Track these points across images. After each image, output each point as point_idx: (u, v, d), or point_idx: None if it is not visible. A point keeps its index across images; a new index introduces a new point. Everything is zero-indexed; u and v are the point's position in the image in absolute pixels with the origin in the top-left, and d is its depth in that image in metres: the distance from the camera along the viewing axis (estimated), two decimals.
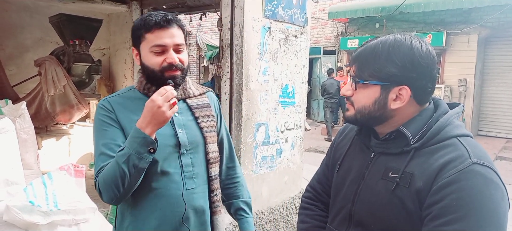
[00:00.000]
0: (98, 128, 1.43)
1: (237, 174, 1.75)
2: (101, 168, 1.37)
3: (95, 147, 1.43)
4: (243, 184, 1.76)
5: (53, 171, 2.45)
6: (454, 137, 1.07)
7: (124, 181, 1.31)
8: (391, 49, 1.08)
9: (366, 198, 1.16)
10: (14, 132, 2.65)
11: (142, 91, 1.50)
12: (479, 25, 9.70)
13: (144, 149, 1.30)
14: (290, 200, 4.36)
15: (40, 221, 2.25)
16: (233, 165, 1.74)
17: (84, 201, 2.46)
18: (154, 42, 1.41)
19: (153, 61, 1.43)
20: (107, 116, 1.43)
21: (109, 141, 1.40)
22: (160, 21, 1.40)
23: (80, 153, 5.44)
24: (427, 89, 1.10)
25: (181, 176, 1.47)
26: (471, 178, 0.98)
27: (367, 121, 1.15)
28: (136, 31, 1.45)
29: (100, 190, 1.36)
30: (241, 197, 1.73)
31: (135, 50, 1.50)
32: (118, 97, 1.50)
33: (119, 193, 1.34)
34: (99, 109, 1.45)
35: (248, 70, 3.61)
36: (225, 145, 1.71)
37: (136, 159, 1.30)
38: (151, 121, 1.31)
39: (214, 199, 1.58)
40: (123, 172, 1.30)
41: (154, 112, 1.30)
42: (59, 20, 5.46)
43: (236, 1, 3.56)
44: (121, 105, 1.46)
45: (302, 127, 4.52)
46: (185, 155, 1.49)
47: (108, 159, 1.37)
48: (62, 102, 5.33)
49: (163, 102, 1.30)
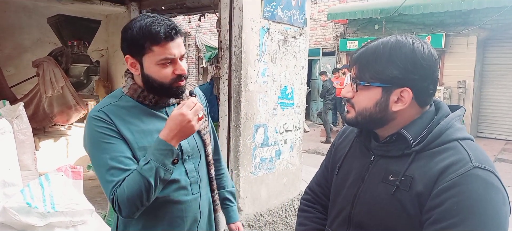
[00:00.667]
0: (98, 140, 1.33)
1: (221, 165, 1.79)
2: (116, 182, 1.29)
3: (98, 161, 1.34)
4: (227, 174, 1.81)
5: (51, 173, 2.44)
6: (455, 140, 1.06)
7: (149, 194, 1.29)
8: (393, 51, 1.06)
9: (365, 201, 1.14)
10: (11, 133, 2.64)
11: (136, 98, 1.42)
12: (478, 27, 9.71)
13: (170, 160, 1.30)
14: (289, 202, 4.35)
15: (37, 223, 2.24)
16: (218, 157, 1.77)
17: (81, 202, 2.44)
18: (163, 56, 1.33)
19: (162, 74, 1.35)
20: (107, 128, 1.34)
21: (117, 154, 1.32)
22: (171, 33, 1.32)
23: (78, 154, 5.43)
24: (428, 91, 1.09)
25: (187, 182, 1.48)
26: (472, 182, 0.97)
27: (368, 123, 1.14)
28: (138, 41, 1.33)
29: (119, 206, 1.29)
30: (226, 187, 1.78)
31: (131, 59, 1.38)
32: (112, 106, 1.39)
33: (141, 206, 1.31)
34: (94, 121, 1.35)
35: (247, 72, 3.60)
36: (211, 139, 1.70)
37: (163, 171, 1.29)
38: (178, 133, 1.30)
39: (215, 198, 1.63)
40: (149, 185, 1.27)
41: (183, 126, 1.29)
42: (58, 21, 5.45)
43: (235, 2, 3.55)
44: (118, 115, 1.37)
45: (301, 128, 4.51)
46: (188, 161, 1.49)
47: (121, 172, 1.30)
48: (60, 103, 5.32)
49: (193, 116, 1.30)
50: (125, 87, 1.45)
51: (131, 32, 1.34)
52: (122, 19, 6.32)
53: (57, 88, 5.07)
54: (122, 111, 1.39)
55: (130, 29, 1.34)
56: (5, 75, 5.25)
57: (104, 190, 1.34)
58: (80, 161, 5.24)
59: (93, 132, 1.35)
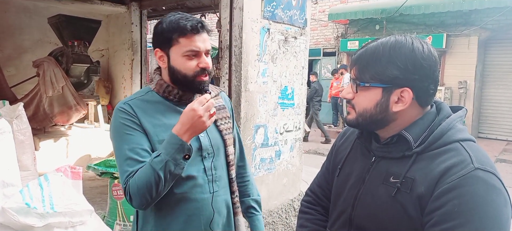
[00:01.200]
0: (120, 131, 1.41)
1: (247, 172, 1.77)
2: (130, 173, 1.35)
3: (119, 151, 1.41)
4: (253, 182, 1.79)
5: (50, 173, 2.42)
6: (456, 141, 1.05)
7: (158, 187, 1.31)
8: (392, 51, 1.06)
9: (366, 202, 1.13)
10: (10, 133, 2.62)
11: (161, 94, 1.49)
12: (479, 27, 9.69)
13: (181, 155, 1.32)
14: (289, 203, 4.34)
15: (36, 223, 2.22)
16: (243, 164, 1.76)
17: (81, 203, 2.43)
18: (188, 47, 1.40)
19: (187, 65, 1.42)
20: (130, 120, 1.41)
21: (135, 146, 1.38)
22: (197, 26, 1.40)
23: (78, 154, 5.43)
24: (429, 91, 1.08)
25: (205, 179, 1.49)
26: (473, 183, 0.96)
27: (369, 124, 1.13)
28: (167, 33, 1.41)
29: (130, 196, 1.34)
30: (251, 195, 1.76)
31: (160, 52, 1.47)
32: (137, 100, 1.47)
33: (151, 198, 1.34)
34: (119, 112, 1.43)
35: (247, 72, 3.59)
36: (236, 144, 1.72)
37: (173, 165, 1.31)
38: (190, 129, 1.33)
39: (235, 200, 1.62)
40: (158, 178, 1.30)
41: (194, 121, 1.32)
42: (58, 21, 5.45)
43: (235, 2, 3.54)
44: (141, 109, 1.44)
45: (301, 128, 4.50)
46: (207, 159, 1.50)
47: (136, 164, 1.35)
48: (61, 103, 5.32)
49: (204, 112, 1.32)
50: (152, 84, 1.53)
51: (161, 26, 1.44)
52: (123, 19, 6.32)
53: (57, 88, 5.07)
54: (147, 105, 1.46)
55: (161, 23, 1.45)
56: (6, 76, 5.25)
57: (120, 179, 1.40)
58: (80, 161, 5.24)
59: (117, 123, 1.42)
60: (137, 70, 6.34)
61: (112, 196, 3.29)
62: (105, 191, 3.85)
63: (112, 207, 3.31)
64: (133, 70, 6.30)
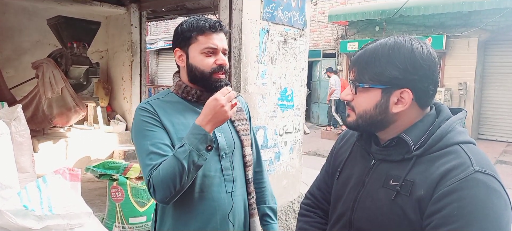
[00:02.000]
0: (142, 128, 1.44)
1: (263, 179, 1.77)
2: (154, 166, 1.37)
3: (140, 147, 1.43)
4: (269, 189, 1.78)
5: (48, 175, 2.41)
6: (456, 144, 1.04)
7: (182, 177, 1.33)
8: (392, 52, 1.05)
9: (366, 206, 1.12)
10: (8, 135, 2.62)
11: (180, 95, 1.53)
12: (479, 28, 9.70)
13: (204, 146, 1.34)
14: (289, 205, 4.33)
15: (34, 226, 2.21)
16: (260, 170, 1.77)
17: (79, 205, 2.42)
18: (206, 44, 1.46)
19: (204, 62, 1.47)
20: (151, 117, 1.45)
21: (157, 141, 1.41)
22: (215, 25, 1.46)
23: (77, 156, 5.41)
24: (429, 92, 1.07)
25: (221, 179, 1.51)
26: (473, 186, 0.95)
27: (369, 126, 1.12)
28: (186, 32, 1.47)
29: (154, 188, 1.36)
30: (267, 203, 1.75)
31: (179, 51, 1.52)
32: (158, 100, 1.51)
33: (174, 190, 1.35)
34: (140, 111, 1.47)
35: (246, 73, 3.59)
36: (253, 148, 1.73)
37: (196, 156, 1.33)
38: (212, 119, 1.35)
39: (251, 202, 1.62)
40: (182, 168, 1.32)
41: (216, 111, 1.34)
42: (57, 23, 5.45)
43: (234, 3, 3.53)
44: (162, 108, 1.48)
45: (301, 130, 4.49)
46: (224, 158, 1.52)
47: (159, 157, 1.38)
48: (60, 105, 5.31)
49: (226, 102, 1.35)
50: (172, 86, 1.57)
51: (181, 27, 1.50)
52: (122, 20, 6.32)
53: (56, 90, 5.06)
54: (167, 105, 1.50)
55: (181, 25, 1.51)
56: (5, 77, 5.24)
57: (143, 174, 1.42)
58: (79, 163, 5.23)
59: (139, 121, 1.46)
60: (136, 72, 6.34)
61: (111, 198, 3.27)
62: (104, 193, 3.83)
63: (111, 209, 3.30)
64: (133, 71, 6.30)
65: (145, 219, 3.27)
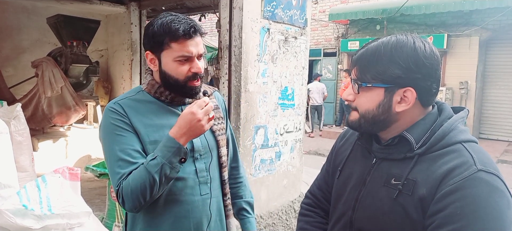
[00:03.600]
0: (111, 132, 1.37)
1: (240, 174, 1.74)
2: (122, 175, 1.32)
3: (109, 152, 1.37)
4: (246, 184, 1.75)
5: (48, 174, 2.41)
6: (458, 142, 1.03)
7: (153, 190, 1.29)
8: (394, 51, 1.04)
9: (367, 205, 1.12)
10: (8, 134, 2.61)
11: (153, 94, 1.45)
12: (480, 27, 9.67)
13: (177, 158, 1.30)
14: (290, 204, 4.32)
15: (33, 225, 2.20)
16: (236, 165, 1.73)
17: (78, 204, 2.41)
18: (180, 53, 1.36)
19: (178, 70, 1.38)
20: (120, 120, 1.37)
21: (126, 146, 1.35)
22: (189, 31, 1.35)
23: (77, 155, 5.41)
24: (432, 90, 1.06)
25: (196, 181, 1.46)
26: (475, 185, 0.94)
27: (371, 126, 1.11)
28: (158, 37, 1.36)
29: (123, 198, 1.31)
30: (244, 197, 1.72)
31: (151, 55, 1.42)
32: (128, 100, 1.44)
33: (144, 201, 1.31)
34: (109, 113, 1.39)
35: (247, 72, 3.57)
36: (230, 145, 1.69)
37: (169, 169, 1.29)
38: (187, 132, 1.30)
39: (227, 203, 1.59)
40: (153, 181, 1.28)
41: (192, 124, 1.29)
42: (57, 21, 5.44)
43: (234, 2, 3.52)
44: (132, 108, 1.41)
45: (301, 129, 4.48)
46: (199, 160, 1.47)
47: (128, 165, 1.33)
48: (59, 104, 5.30)
49: (203, 115, 1.30)
50: (144, 84, 1.50)
51: (152, 28, 1.38)
52: (122, 19, 6.31)
53: (56, 89, 5.05)
54: (138, 105, 1.43)
55: (152, 25, 1.39)
56: (4, 76, 5.24)
57: (111, 181, 1.37)
58: (79, 162, 5.23)
59: (107, 123, 1.39)
60: (136, 71, 6.32)
61: (111, 197, 3.27)
62: (103, 192, 3.83)
63: (111, 209, 3.29)
64: (132, 70, 6.28)
65: None
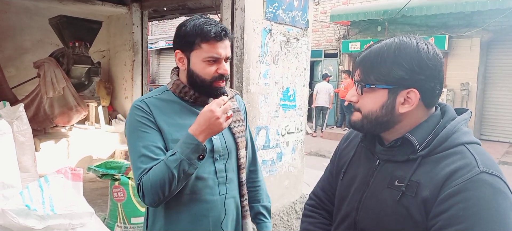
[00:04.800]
0: (135, 128, 1.43)
1: (258, 177, 1.76)
2: (144, 170, 1.37)
3: (133, 147, 1.42)
4: (264, 188, 1.78)
5: (50, 174, 2.41)
6: (461, 144, 1.03)
7: (171, 185, 1.33)
8: (398, 52, 1.04)
9: (371, 206, 1.12)
10: (11, 134, 2.61)
11: (177, 94, 1.50)
12: (481, 28, 9.67)
13: (195, 155, 1.33)
14: (291, 205, 4.32)
15: (36, 225, 2.21)
16: (255, 169, 1.76)
17: (81, 205, 2.41)
18: (210, 53, 1.41)
19: (206, 70, 1.43)
20: (145, 117, 1.43)
21: (149, 143, 1.39)
22: (221, 34, 1.41)
23: (79, 155, 5.42)
24: (435, 91, 1.07)
25: (215, 181, 1.49)
26: (478, 187, 0.95)
27: (374, 127, 1.11)
28: (190, 37, 1.42)
29: (143, 192, 1.36)
30: (261, 202, 1.75)
31: (181, 54, 1.47)
32: (154, 99, 1.49)
33: (163, 196, 1.35)
34: (135, 110, 1.45)
35: (248, 73, 3.58)
36: (249, 148, 1.72)
37: (187, 165, 1.32)
38: (206, 130, 1.34)
39: (244, 204, 1.62)
40: (172, 176, 1.31)
41: (211, 122, 1.33)
42: (59, 22, 5.45)
43: (236, 3, 3.52)
44: (157, 107, 1.46)
45: (303, 130, 4.48)
46: (219, 161, 1.51)
47: (150, 161, 1.37)
48: (61, 104, 5.31)
49: (221, 114, 1.33)
50: (169, 83, 1.54)
51: (185, 28, 1.44)
52: (124, 20, 6.32)
53: (58, 89, 5.06)
54: (162, 104, 1.48)
55: (185, 26, 1.45)
56: (6, 76, 5.24)
57: (133, 176, 1.42)
58: (81, 163, 5.23)
59: (133, 120, 1.44)
60: (138, 71, 6.33)
61: (113, 198, 3.27)
62: (105, 192, 3.83)
63: (113, 209, 3.30)
64: (134, 71, 6.30)
65: None
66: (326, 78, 11.38)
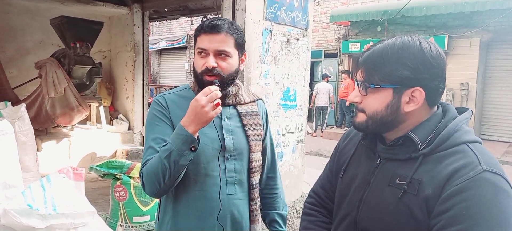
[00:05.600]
0: (151, 122, 1.49)
1: (276, 185, 1.76)
2: (146, 161, 1.42)
3: (146, 138, 1.49)
4: (281, 196, 1.77)
5: (52, 174, 2.42)
6: (463, 143, 1.04)
7: (165, 175, 1.35)
8: (401, 52, 1.05)
9: (371, 205, 1.12)
10: (13, 134, 2.62)
11: (196, 91, 1.52)
12: (481, 28, 9.68)
13: (186, 146, 1.33)
14: (291, 204, 4.33)
15: (38, 225, 2.21)
16: (273, 175, 1.75)
17: (83, 204, 2.42)
18: (198, 45, 1.47)
19: (197, 63, 1.49)
20: (161, 112, 1.48)
21: (158, 136, 1.44)
22: (209, 25, 1.44)
23: (80, 155, 5.42)
24: (439, 90, 1.07)
25: (224, 180, 1.51)
26: (481, 186, 0.95)
27: (379, 127, 1.11)
28: (195, 31, 1.50)
29: (143, 182, 1.42)
30: (278, 209, 1.74)
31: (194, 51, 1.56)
32: (173, 95, 1.55)
33: (160, 186, 1.38)
34: (154, 104, 1.51)
35: (249, 73, 3.59)
36: (268, 154, 1.73)
37: (177, 155, 1.33)
38: (194, 120, 1.34)
39: (253, 208, 1.61)
40: (164, 167, 1.34)
41: (197, 112, 1.33)
42: (60, 23, 5.46)
43: (237, 3, 3.54)
44: (175, 103, 1.51)
45: (303, 130, 4.49)
46: (229, 160, 1.52)
47: (154, 152, 1.41)
48: (63, 104, 5.32)
49: (206, 102, 1.32)
50: (191, 82, 1.60)
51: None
52: (125, 20, 6.33)
53: (59, 89, 5.07)
54: (181, 100, 1.52)
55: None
56: (8, 77, 5.25)
57: None
58: (82, 162, 5.24)
59: (151, 113, 1.52)
60: (139, 72, 6.34)
61: (114, 197, 3.28)
62: (107, 192, 3.84)
63: (114, 208, 3.31)
64: (135, 71, 6.30)
65: (148, 219, 3.27)
66: (326, 78, 11.41)
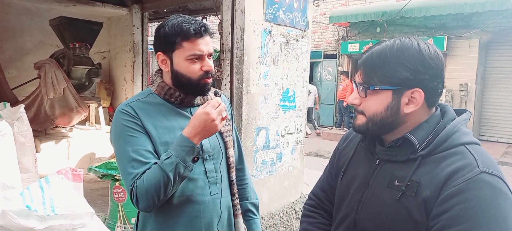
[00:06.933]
0: (123, 133, 1.39)
1: (245, 175, 1.77)
2: (136, 175, 1.34)
3: (121, 153, 1.39)
4: (251, 185, 1.78)
5: (51, 175, 2.41)
6: (461, 144, 1.04)
7: (167, 188, 1.32)
8: (400, 53, 1.05)
9: (371, 206, 1.12)
10: (11, 135, 2.61)
11: (163, 96, 1.48)
12: (480, 29, 9.69)
13: (190, 157, 1.33)
14: (291, 205, 4.33)
15: (36, 226, 2.21)
16: (241, 167, 1.76)
17: (81, 205, 2.41)
18: (192, 51, 1.40)
19: (191, 69, 1.42)
20: (132, 122, 1.40)
21: (139, 147, 1.37)
22: (200, 30, 1.40)
23: (79, 156, 5.42)
24: (438, 90, 1.08)
25: (206, 182, 1.49)
26: (479, 187, 0.95)
27: (379, 128, 1.11)
28: (170, 37, 1.41)
29: (137, 198, 1.34)
30: (249, 199, 1.75)
31: (163, 56, 1.46)
32: (139, 102, 1.46)
33: (158, 200, 1.34)
34: (121, 114, 1.42)
35: (248, 74, 3.59)
36: (235, 146, 1.72)
37: (182, 167, 1.32)
38: (201, 131, 1.33)
39: (235, 202, 1.62)
40: (167, 180, 1.30)
41: (207, 124, 1.32)
42: (60, 23, 5.45)
43: (237, 4, 3.54)
44: (143, 110, 1.43)
45: (302, 131, 4.49)
46: (208, 161, 1.51)
47: (141, 165, 1.35)
48: (62, 105, 5.31)
49: (217, 115, 1.33)
50: (154, 86, 1.52)
51: (163, 29, 1.43)
52: (124, 21, 6.33)
53: (58, 90, 5.06)
54: (148, 108, 1.45)
55: (163, 27, 1.43)
56: (7, 77, 5.24)
57: (124, 181, 1.40)
58: (81, 163, 5.24)
59: (119, 125, 1.41)
60: (138, 73, 6.34)
61: (113, 198, 3.28)
62: (106, 193, 3.84)
63: (113, 210, 3.30)
64: (135, 72, 6.30)
65: None
66: None
